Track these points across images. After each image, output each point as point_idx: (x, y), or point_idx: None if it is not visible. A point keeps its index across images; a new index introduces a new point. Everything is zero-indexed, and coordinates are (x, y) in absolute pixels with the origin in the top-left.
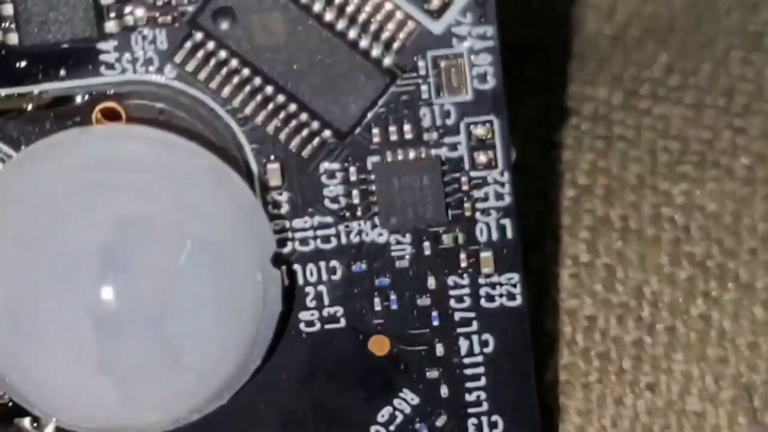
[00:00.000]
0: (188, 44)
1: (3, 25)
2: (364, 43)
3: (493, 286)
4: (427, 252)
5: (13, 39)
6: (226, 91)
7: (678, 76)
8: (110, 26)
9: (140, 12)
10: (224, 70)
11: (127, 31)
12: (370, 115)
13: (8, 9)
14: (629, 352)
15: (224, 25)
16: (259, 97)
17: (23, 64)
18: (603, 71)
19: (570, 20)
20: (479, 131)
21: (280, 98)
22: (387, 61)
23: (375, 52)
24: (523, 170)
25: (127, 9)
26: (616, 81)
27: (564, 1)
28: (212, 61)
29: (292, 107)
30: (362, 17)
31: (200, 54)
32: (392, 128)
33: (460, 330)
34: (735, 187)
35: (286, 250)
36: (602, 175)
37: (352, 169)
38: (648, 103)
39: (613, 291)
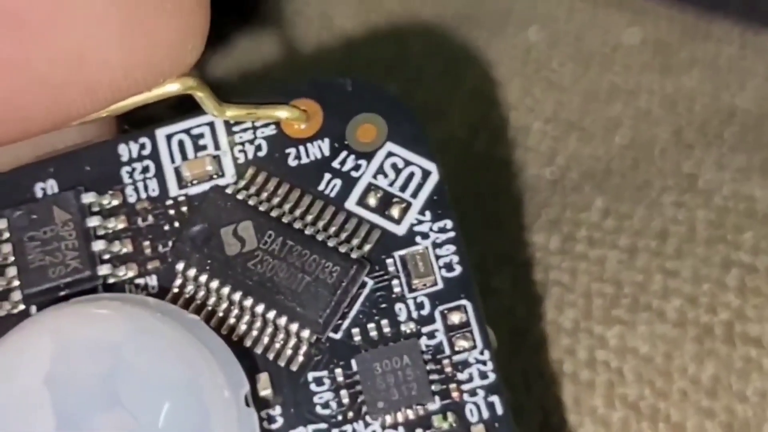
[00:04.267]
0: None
1: None
2: (331, 244)
3: None
4: None
5: None
6: (215, 321)
7: (614, 220)
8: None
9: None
10: (211, 300)
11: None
12: (350, 314)
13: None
14: None
15: (201, 246)
16: (246, 316)
17: None
18: (541, 216)
19: (511, 164)
20: (454, 317)
21: (260, 309)
22: (355, 255)
23: (343, 249)
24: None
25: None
26: (553, 226)
27: (505, 145)
28: (200, 293)
29: (271, 315)
30: (332, 229)
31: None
32: (371, 325)
33: None
34: (666, 329)
35: None
36: (538, 320)
37: (338, 371)
38: (584, 248)
39: None
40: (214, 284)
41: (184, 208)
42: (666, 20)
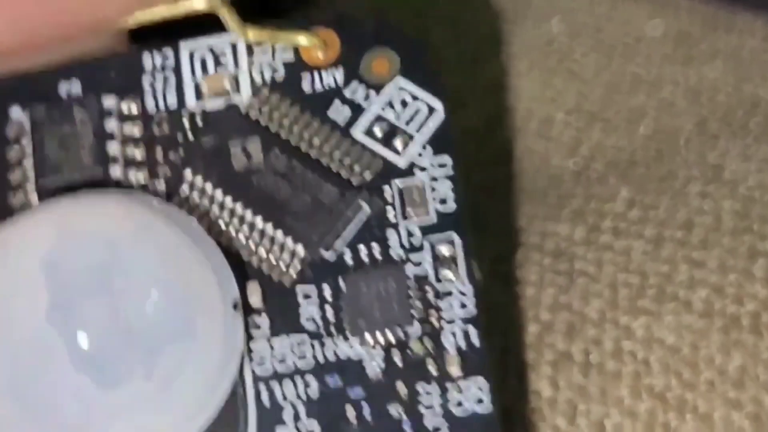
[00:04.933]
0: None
1: None
2: (334, 168)
3: (461, 391)
4: (398, 362)
5: None
6: (215, 230)
7: (638, 210)
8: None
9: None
10: (213, 209)
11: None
12: (344, 236)
13: None
14: None
15: (210, 157)
16: (245, 227)
17: None
18: (566, 207)
19: (533, 155)
20: (443, 249)
21: (259, 222)
22: (355, 181)
23: (344, 174)
24: (487, 307)
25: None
26: (578, 216)
27: (528, 136)
28: (204, 201)
29: (269, 229)
30: (336, 154)
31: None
32: (362, 248)
33: None
34: (692, 319)
35: (267, 367)
36: (564, 310)
37: (326, 287)
38: (609, 238)
39: (575, 425)
40: (218, 194)
41: (199, 121)
42: (687, 12)
